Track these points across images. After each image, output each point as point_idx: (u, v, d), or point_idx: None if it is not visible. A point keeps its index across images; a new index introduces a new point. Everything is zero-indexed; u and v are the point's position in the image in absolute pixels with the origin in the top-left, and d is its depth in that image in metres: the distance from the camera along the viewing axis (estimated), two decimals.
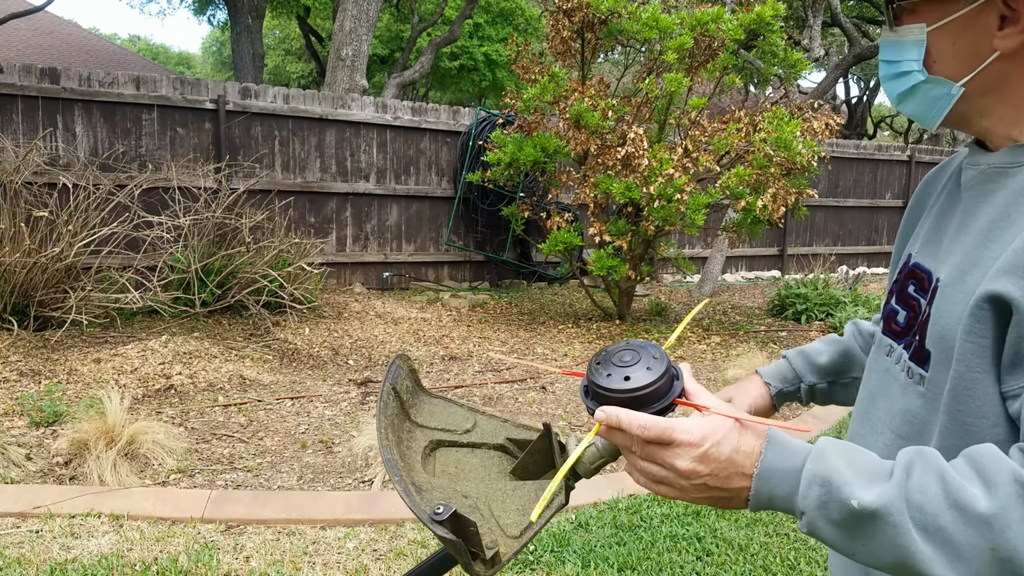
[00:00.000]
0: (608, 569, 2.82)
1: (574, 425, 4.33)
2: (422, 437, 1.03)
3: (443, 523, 0.80)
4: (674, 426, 0.78)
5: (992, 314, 0.77)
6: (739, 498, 0.79)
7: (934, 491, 0.68)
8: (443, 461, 1.02)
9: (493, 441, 1.05)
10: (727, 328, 7.22)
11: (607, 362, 0.85)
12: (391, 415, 0.98)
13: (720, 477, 0.78)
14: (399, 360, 1.05)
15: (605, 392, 0.82)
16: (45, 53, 16.91)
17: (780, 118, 6.12)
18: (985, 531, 0.65)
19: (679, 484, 0.79)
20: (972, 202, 0.89)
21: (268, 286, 5.98)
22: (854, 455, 0.76)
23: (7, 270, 5.01)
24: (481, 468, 1.02)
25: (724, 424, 0.79)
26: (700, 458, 0.77)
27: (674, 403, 0.83)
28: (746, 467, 0.78)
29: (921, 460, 0.71)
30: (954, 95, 0.87)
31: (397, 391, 1.02)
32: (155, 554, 2.79)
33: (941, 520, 0.67)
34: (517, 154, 6.56)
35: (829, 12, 11.96)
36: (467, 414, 1.09)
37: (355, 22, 9.29)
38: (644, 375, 0.82)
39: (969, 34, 0.84)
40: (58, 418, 3.82)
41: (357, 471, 3.58)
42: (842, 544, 0.74)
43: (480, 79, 21.44)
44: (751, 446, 0.78)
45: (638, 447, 0.81)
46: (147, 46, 45.09)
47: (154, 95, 6.87)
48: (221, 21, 24.28)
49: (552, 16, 6.73)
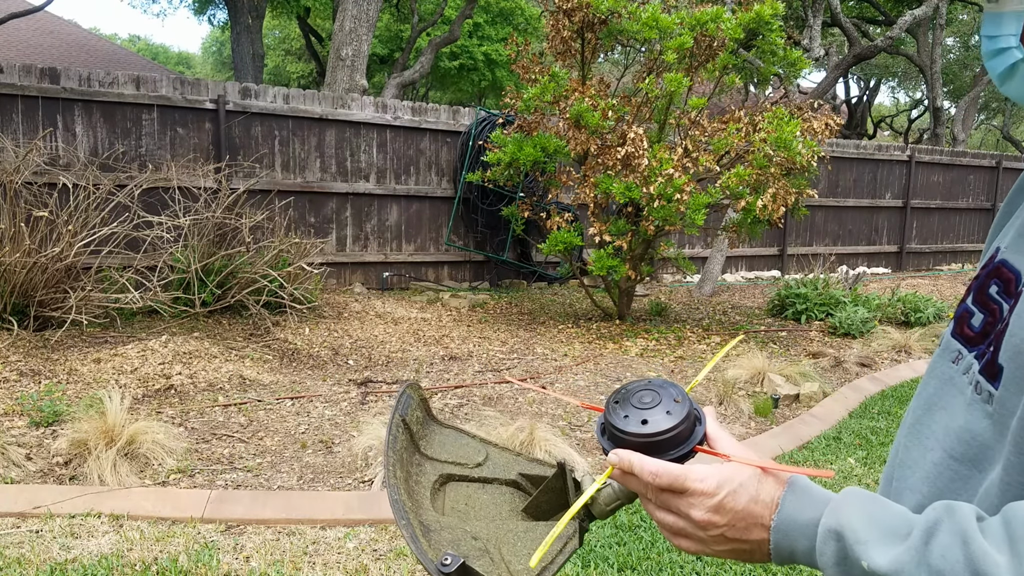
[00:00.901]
0: (608, 569, 2.82)
1: (574, 425, 4.33)
2: (432, 471, 1.00)
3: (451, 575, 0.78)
4: (687, 474, 0.74)
5: None
6: (761, 551, 0.74)
7: (955, 556, 0.61)
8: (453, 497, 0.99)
9: (505, 476, 1.02)
10: (727, 328, 7.22)
11: (626, 402, 0.81)
12: (400, 449, 0.95)
13: (738, 528, 0.73)
14: (410, 389, 1.02)
15: (622, 434, 0.79)
16: (45, 53, 16.91)
17: (780, 118, 6.12)
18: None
19: (697, 535, 0.75)
20: None
21: (268, 286, 5.98)
22: (877, 509, 0.69)
23: (7, 270, 5.01)
24: (492, 506, 0.99)
25: (743, 472, 0.74)
26: (716, 508, 0.73)
27: (694, 450, 0.79)
28: (764, 518, 0.72)
29: (949, 519, 0.64)
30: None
31: (407, 423, 0.99)
32: (155, 554, 2.79)
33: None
34: (517, 154, 6.56)
35: (829, 12, 11.96)
36: (479, 446, 1.06)
37: (355, 22, 9.29)
38: (663, 419, 0.78)
39: None
40: (58, 418, 3.82)
41: (357, 471, 3.58)
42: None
43: (480, 79, 21.44)
44: (771, 495, 0.73)
45: (653, 495, 0.77)
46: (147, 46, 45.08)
47: (154, 95, 6.87)
48: (221, 21, 24.27)
49: (552, 16, 6.73)
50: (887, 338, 6.75)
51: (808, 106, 6.98)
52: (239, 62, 16.94)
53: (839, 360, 5.98)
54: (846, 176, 11.90)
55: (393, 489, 0.88)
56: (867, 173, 12.16)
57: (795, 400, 4.97)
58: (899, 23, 11.28)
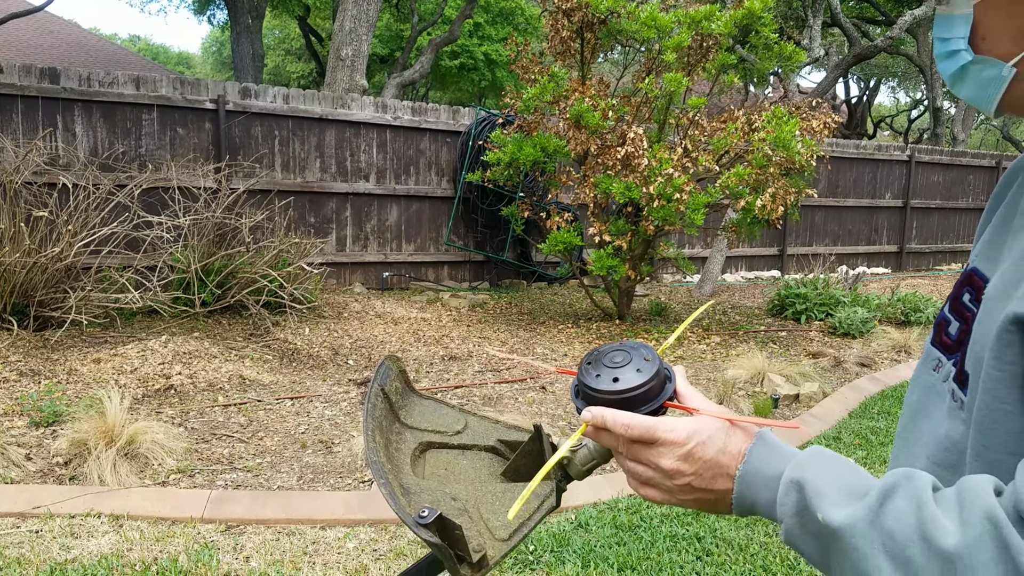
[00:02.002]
0: (608, 569, 2.82)
1: (574, 425, 4.33)
2: (412, 439, 1.03)
3: (428, 526, 0.79)
4: (658, 425, 0.76)
5: (1021, 338, 0.67)
6: (724, 501, 0.76)
7: (908, 520, 0.63)
8: (433, 463, 1.02)
9: (484, 443, 1.04)
10: (727, 328, 7.22)
11: (598, 363, 0.84)
12: (379, 416, 0.98)
13: (705, 478, 0.75)
14: (388, 361, 1.05)
15: (594, 393, 0.81)
16: (45, 53, 16.91)
17: (779, 117, 6.13)
18: (948, 569, 0.60)
19: (664, 485, 0.77)
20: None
21: (268, 286, 5.98)
22: (840, 468, 0.71)
23: (7, 270, 5.02)
24: (471, 470, 1.01)
25: (712, 424, 0.76)
26: (684, 457, 0.75)
27: (664, 406, 0.81)
28: (730, 468, 0.74)
29: (907, 485, 0.65)
30: (1006, 77, 0.76)
31: (386, 392, 1.02)
32: (155, 554, 2.79)
33: (908, 551, 0.62)
34: (517, 154, 6.56)
35: (829, 12, 11.97)
36: (458, 415, 1.08)
37: (355, 22, 9.29)
38: (634, 377, 0.80)
39: (1021, 6, 0.74)
40: (58, 418, 3.82)
41: (357, 471, 3.58)
42: (818, 559, 0.70)
43: (480, 79, 21.44)
44: (738, 448, 0.75)
45: (624, 447, 0.79)
46: (147, 46, 45.08)
47: (154, 95, 6.87)
48: (221, 21, 24.28)
49: (551, 16, 6.73)
50: (887, 338, 6.75)
51: (807, 105, 6.99)
52: (239, 62, 16.95)
53: (839, 360, 5.98)
54: (846, 176, 11.90)
55: (372, 452, 0.90)
56: (867, 173, 12.16)
57: (795, 400, 4.97)
58: (899, 23, 11.29)
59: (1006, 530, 0.58)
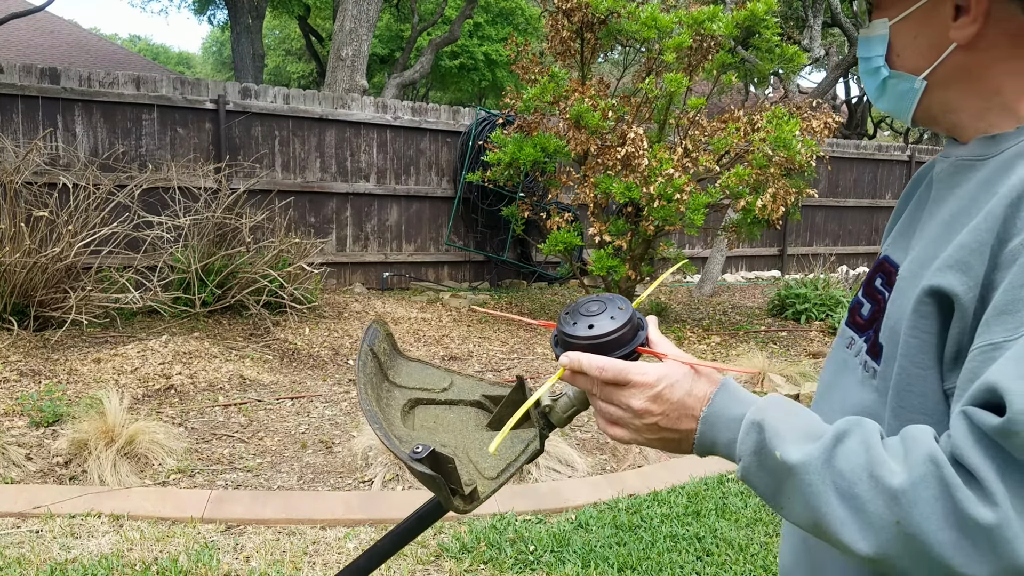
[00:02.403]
0: (608, 569, 2.82)
1: (574, 425, 4.33)
2: (400, 396, 1.08)
3: (423, 461, 0.84)
4: (630, 368, 0.82)
5: (935, 309, 0.77)
6: (687, 441, 0.82)
7: (857, 460, 0.69)
8: (422, 417, 1.07)
9: (470, 398, 1.10)
10: (727, 328, 7.22)
11: (575, 312, 0.89)
12: (369, 373, 1.03)
13: (671, 418, 0.81)
14: (375, 324, 1.10)
15: (571, 339, 0.87)
16: (45, 53, 16.91)
17: (779, 117, 6.13)
18: (893, 505, 0.66)
19: (633, 424, 0.83)
20: (940, 195, 0.88)
21: (268, 286, 5.98)
22: (797, 414, 0.77)
23: (7, 270, 5.02)
24: (458, 422, 1.07)
25: (680, 369, 0.83)
26: (654, 398, 0.81)
27: (636, 351, 0.86)
28: (695, 410, 0.81)
29: (858, 429, 0.72)
30: (918, 89, 0.86)
31: (375, 352, 1.07)
32: (155, 554, 2.79)
33: (857, 487, 0.69)
34: (517, 154, 6.56)
35: (829, 12, 11.97)
36: (444, 374, 1.14)
37: (355, 22, 9.29)
38: (608, 323, 0.86)
39: (927, 27, 0.84)
40: (58, 418, 3.82)
41: (357, 471, 3.58)
42: (770, 496, 0.76)
43: (480, 79, 21.43)
44: (703, 391, 0.81)
45: (598, 389, 0.84)
46: (147, 46, 45.09)
47: (154, 95, 6.87)
48: (221, 21, 24.28)
49: (551, 16, 6.73)
50: None
51: (807, 105, 6.98)
52: (239, 62, 16.95)
53: None
54: (846, 176, 11.90)
55: (365, 402, 0.96)
56: (867, 173, 12.16)
57: (795, 400, 4.97)
58: None
59: (946, 470, 0.65)
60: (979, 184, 0.80)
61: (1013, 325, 0.68)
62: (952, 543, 0.64)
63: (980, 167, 0.82)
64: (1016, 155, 0.78)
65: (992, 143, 0.82)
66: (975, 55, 0.82)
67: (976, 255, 0.73)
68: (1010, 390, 0.64)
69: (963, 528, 0.64)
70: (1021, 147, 0.78)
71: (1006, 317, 0.68)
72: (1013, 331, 0.68)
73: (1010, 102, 0.81)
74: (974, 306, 0.73)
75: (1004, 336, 0.68)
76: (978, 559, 0.64)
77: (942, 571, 0.66)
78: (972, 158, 0.84)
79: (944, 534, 0.64)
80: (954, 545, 0.64)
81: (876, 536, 0.68)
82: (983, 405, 0.67)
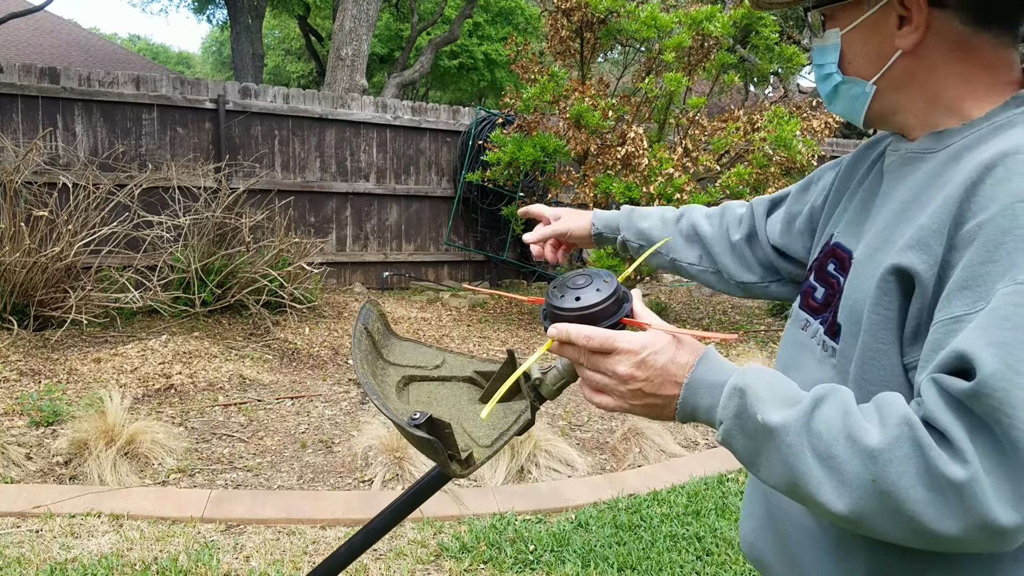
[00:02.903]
0: (608, 569, 2.82)
1: (574, 425, 4.34)
2: (395, 373, 1.12)
3: (420, 426, 0.87)
4: (616, 336, 0.86)
5: (897, 287, 0.82)
6: (670, 407, 0.85)
7: (835, 423, 0.73)
8: (416, 393, 1.11)
9: (462, 374, 1.14)
10: (727, 328, 7.22)
11: (562, 286, 0.92)
12: (365, 351, 1.07)
13: (655, 384, 0.85)
14: (369, 304, 1.14)
15: (558, 311, 0.89)
16: (45, 53, 16.91)
17: (779, 117, 6.13)
18: (869, 463, 0.70)
19: (618, 390, 0.86)
20: (891, 184, 0.94)
21: (268, 286, 5.98)
22: (777, 381, 0.81)
23: (7, 270, 5.01)
24: (452, 397, 1.11)
25: (664, 338, 0.86)
26: (639, 364, 0.84)
27: (621, 322, 0.89)
28: (678, 376, 0.84)
29: (834, 395, 0.76)
30: (868, 93, 0.93)
31: (369, 331, 1.11)
32: (155, 554, 2.79)
33: (834, 448, 0.72)
34: (517, 154, 6.56)
35: None
36: (436, 353, 1.18)
37: (355, 22, 9.29)
38: (594, 295, 0.89)
39: (875, 35, 0.91)
40: (58, 418, 3.82)
41: (357, 471, 3.58)
42: (749, 459, 0.80)
43: (479, 79, 21.42)
44: (686, 359, 0.85)
45: (584, 357, 0.88)
46: (147, 46, 45.09)
47: (154, 95, 6.87)
48: (221, 20, 24.27)
49: (551, 16, 6.73)
50: None
51: (807, 105, 6.98)
52: (239, 62, 16.95)
53: None
54: None
55: (362, 376, 1.00)
56: None
57: None
58: None
59: (919, 431, 0.69)
60: (928, 174, 0.87)
61: (973, 299, 0.73)
62: (925, 500, 0.68)
63: (929, 159, 0.88)
64: (963, 148, 0.85)
65: (939, 138, 0.88)
66: (919, 61, 0.89)
67: (935, 236, 0.79)
68: (978, 357, 0.68)
69: (935, 485, 0.67)
70: (966, 141, 0.85)
71: (967, 292, 0.74)
72: (973, 304, 0.73)
73: (953, 103, 0.89)
74: (933, 283, 0.78)
75: (965, 309, 0.73)
76: (949, 515, 0.67)
77: (913, 528, 0.69)
78: (921, 151, 0.90)
79: (917, 491, 0.68)
80: (926, 502, 0.68)
81: (851, 494, 0.71)
82: (951, 372, 0.71)
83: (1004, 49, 0.87)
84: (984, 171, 0.77)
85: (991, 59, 0.87)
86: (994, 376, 0.67)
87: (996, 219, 0.73)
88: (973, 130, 0.85)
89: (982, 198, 0.76)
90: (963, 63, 0.87)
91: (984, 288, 0.72)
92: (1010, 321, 0.69)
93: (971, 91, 0.87)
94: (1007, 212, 0.73)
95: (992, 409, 0.66)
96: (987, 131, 0.84)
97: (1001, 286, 0.71)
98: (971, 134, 0.85)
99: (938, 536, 0.68)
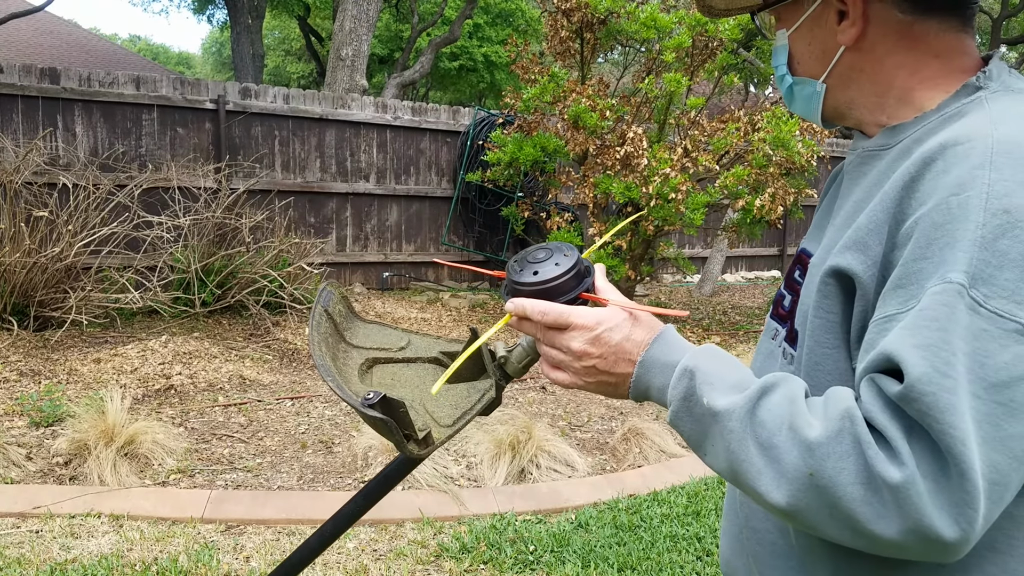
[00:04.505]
0: (608, 569, 2.82)
1: (574, 425, 4.33)
2: (358, 356, 1.10)
3: (374, 407, 0.85)
4: (571, 312, 0.84)
5: (837, 289, 0.80)
6: (623, 385, 0.84)
7: (779, 412, 0.71)
8: (379, 375, 1.09)
9: (427, 355, 1.12)
10: (727, 328, 7.22)
11: (523, 260, 0.91)
12: (324, 333, 1.05)
13: (609, 361, 0.83)
14: (329, 286, 1.12)
15: (517, 286, 0.89)
16: (45, 53, 16.91)
17: (779, 118, 6.13)
18: (807, 456, 0.68)
19: (573, 367, 0.85)
20: (848, 185, 0.92)
21: (268, 286, 5.98)
22: (729, 365, 0.79)
23: (7, 270, 5.01)
24: (416, 378, 1.09)
25: (620, 314, 0.85)
26: (593, 340, 0.83)
27: (581, 297, 0.87)
28: (633, 354, 0.83)
29: (784, 384, 0.74)
30: (820, 92, 0.92)
31: (329, 313, 1.08)
32: (155, 554, 2.79)
33: (776, 438, 0.70)
34: (517, 154, 6.56)
35: None
36: (401, 334, 1.16)
37: (355, 22, 9.30)
38: (552, 270, 0.87)
39: (818, 33, 0.90)
40: (58, 418, 3.82)
41: (357, 471, 3.58)
42: (696, 442, 0.78)
43: (479, 81, 21.43)
44: (642, 337, 0.84)
45: (541, 333, 0.87)
46: (147, 46, 45.11)
47: (154, 95, 6.87)
48: (221, 21, 24.28)
49: (551, 16, 6.73)
50: None
51: None
52: (239, 62, 16.95)
53: None
54: None
55: (318, 357, 0.97)
56: None
57: None
58: None
59: (860, 427, 0.67)
60: (880, 172, 0.84)
61: (905, 298, 0.71)
62: (861, 499, 0.66)
63: (883, 155, 0.86)
64: (913, 142, 0.82)
65: (893, 133, 0.86)
66: (864, 54, 0.87)
67: (874, 235, 0.77)
68: (904, 359, 0.67)
69: (872, 485, 0.66)
70: (918, 135, 0.83)
71: (900, 291, 0.72)
72: (904, 303, 0.70)
73: (904, 93, 0.87)
74: (875, 284, 0.76)
75: (897, 308, 0.71)
76: (885, 516, 0.65)
77: (851, 527, 0.67)
78: (876, 148, 0.88)
79: (854, 489, 0.66)
80: (863, 501, 0.66)
81: (789, 486, 0.69)
82: (884, 372, 0.69)
83: (953, 34, 0.85)
84: (923, 165, 0.75)
85: (939, 46, 0.85)
86: (921, 380, 0.65)
87: (931, 214, 0.71)
88: (924, 123, 0.83)
89: (921, 193, 0.74)
90: (909, 52, 0.85)
91: (916, 286, 0.70)
92: (938, 322, 0.67)
93: (921, 80, 0.85)
94: (941, 207, 0.71)
95: (922, 414, 0.65)
96: (936, 123, 0.82)
97: (931, 284, 0.69)
98: (922, 127, 0.83)
99: (876, 537, 0.66)
